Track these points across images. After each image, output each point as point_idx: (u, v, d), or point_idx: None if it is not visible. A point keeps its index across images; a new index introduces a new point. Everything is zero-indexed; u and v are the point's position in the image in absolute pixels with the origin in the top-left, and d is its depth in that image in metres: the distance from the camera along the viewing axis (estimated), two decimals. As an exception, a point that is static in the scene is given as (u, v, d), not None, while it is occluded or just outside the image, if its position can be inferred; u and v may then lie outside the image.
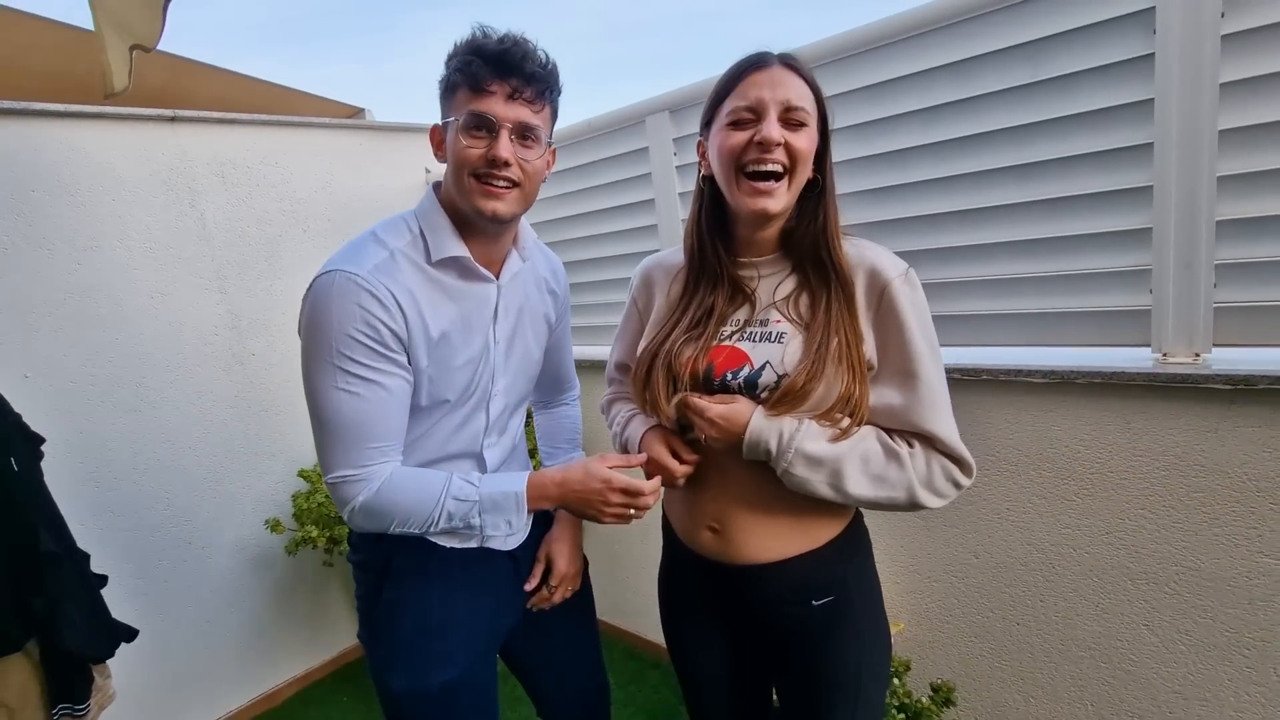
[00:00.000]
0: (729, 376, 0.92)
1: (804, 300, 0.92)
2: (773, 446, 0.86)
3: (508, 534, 1.00)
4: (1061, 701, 1.47)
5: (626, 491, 0.96)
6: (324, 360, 0.88)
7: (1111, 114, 1.22)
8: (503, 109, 0.88)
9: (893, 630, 1.60)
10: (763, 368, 0.90)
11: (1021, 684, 1.52)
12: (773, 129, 0.84)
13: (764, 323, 0.94)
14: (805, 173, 0.88)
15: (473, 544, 1.04)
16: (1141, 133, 1.20)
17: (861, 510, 1.04)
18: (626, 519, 0.98)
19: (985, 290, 1.42)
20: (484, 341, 1.02)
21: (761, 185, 0.86)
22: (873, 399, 0.89)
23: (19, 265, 1.83)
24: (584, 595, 1.27)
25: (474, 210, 0.92)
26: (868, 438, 0.88)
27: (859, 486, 0.86)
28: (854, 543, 1.00)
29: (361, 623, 1.10)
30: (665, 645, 1.16)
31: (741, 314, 0.96)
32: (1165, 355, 1.23)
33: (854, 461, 0.86)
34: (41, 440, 1.60)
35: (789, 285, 0.94)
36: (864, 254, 0.91)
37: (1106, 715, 1.41)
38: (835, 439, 0.87)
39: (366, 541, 1.07)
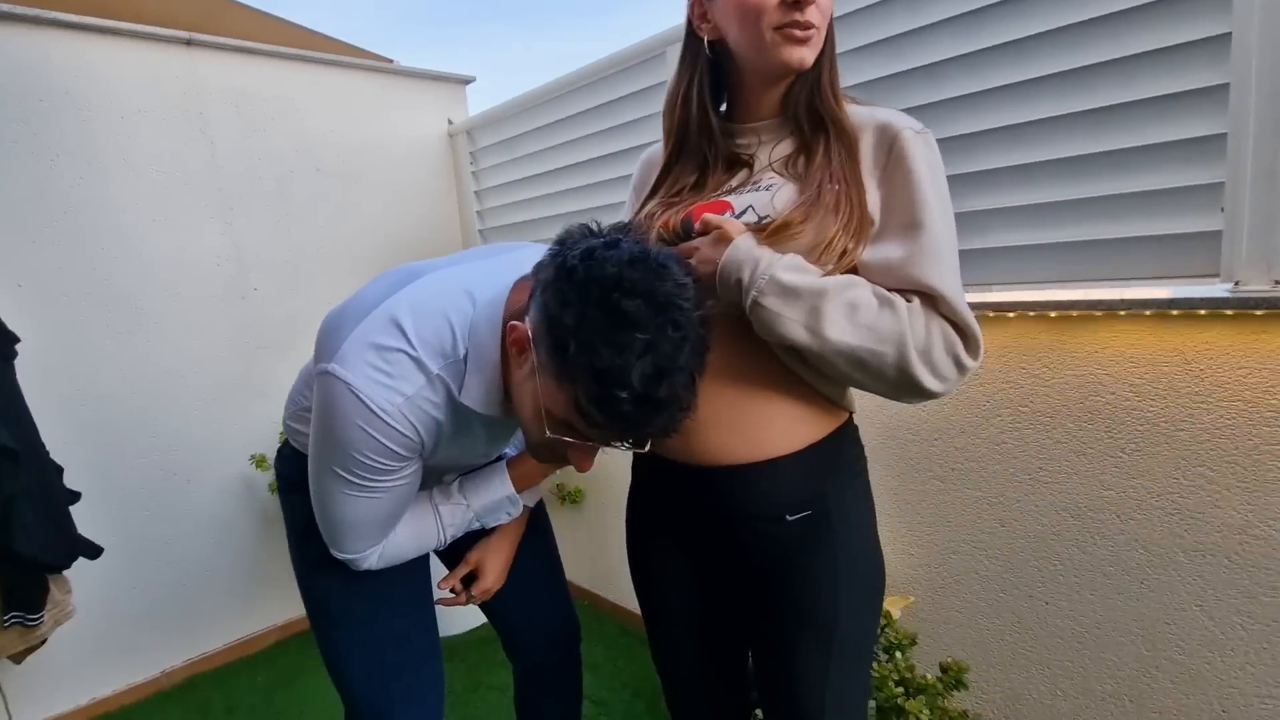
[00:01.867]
0: (696, 224, 0.79)
1: (802, 160, 0.81)
2: (746, 274, 0.72)
3: (507, 519, 1.03)
4: (1093, 695, 1.27)
5: None
6: (333, 468, 0.82)
7: (1179, 4, 1.05)
8: (598, 444, 0.75)
9: (902, 604, 1.42)
10: (744, 212, 0.78)
11: (1047, 672, 1.33)
12: None
13: (755, 183, 0.83)
14: (823, 33, 0.79)
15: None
16: (1217, 23, 1.02)
17: (853, 409, 0.88)
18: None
19: (1025, 218, 1.25)
20: (490, 447, 0.98)
21: (801, 34, 0.76)
22: (869, 255, 0.75)
23: (20, 173, 1.80)
24: (540, 525, 1.21)
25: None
26: (858, 283, 0.73)
27: (840, 331, 0.71)
28: (841, 451, 0.86)
29: (290, 532, 1.04)
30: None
31: (736, 180, 0.85)
32: (1238, 284, 1.04)
33: (838, 302, 0.71)
34: (15, 339, 1.55)
35: (788, 146, 0.83)
36: (875, 112, 0.80)
37: (1148, 712, 1.21)
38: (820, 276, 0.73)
39: (300, 459, 0.98)
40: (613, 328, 0.63)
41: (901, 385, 0.73)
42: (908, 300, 0.72)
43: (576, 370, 0.64)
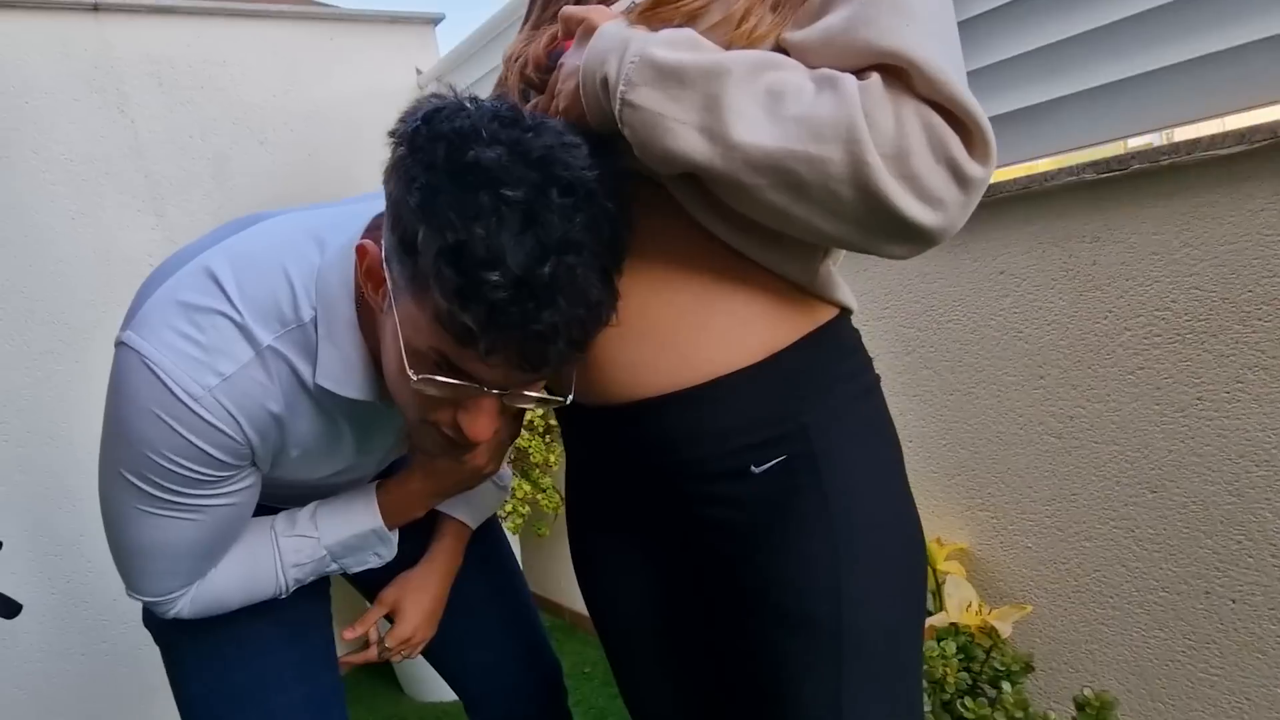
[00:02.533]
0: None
1: None
2: (611, 66, 0.58)
3: (380, 562, 0.91)
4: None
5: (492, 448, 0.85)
6: (121, 472, 0.71)
7: None
8: (489, 374, 0.60)
9: (1014, 616, 1.21)
10: (626, 9, 0.64)
11: (1243, 705, 1.08)
12: None
13: None
14: None
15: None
16: None
17: (844, 303, 0.72)
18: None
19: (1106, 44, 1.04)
20: (371, 454, 0.89)
21: None
22: (801, 34, 0.59)
23: (-83, 178, 1.89)
24: (493, 547, 1.13)
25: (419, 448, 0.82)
26: (781, 62, 0.57)
27: (754, 129, 0.54)
28: (824, 363, 0.69)
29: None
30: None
31: None
32: None
33: (749, 86, 0.55)
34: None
35: None
36: None
37: None
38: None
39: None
40: (467, 188, 0.53)
41: (870, 217, 0.55)
42: (861, 79, 0.55)
43: (429, 263, 0.54)
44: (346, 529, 0.86)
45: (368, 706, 2.22)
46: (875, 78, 0.54)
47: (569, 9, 0.65)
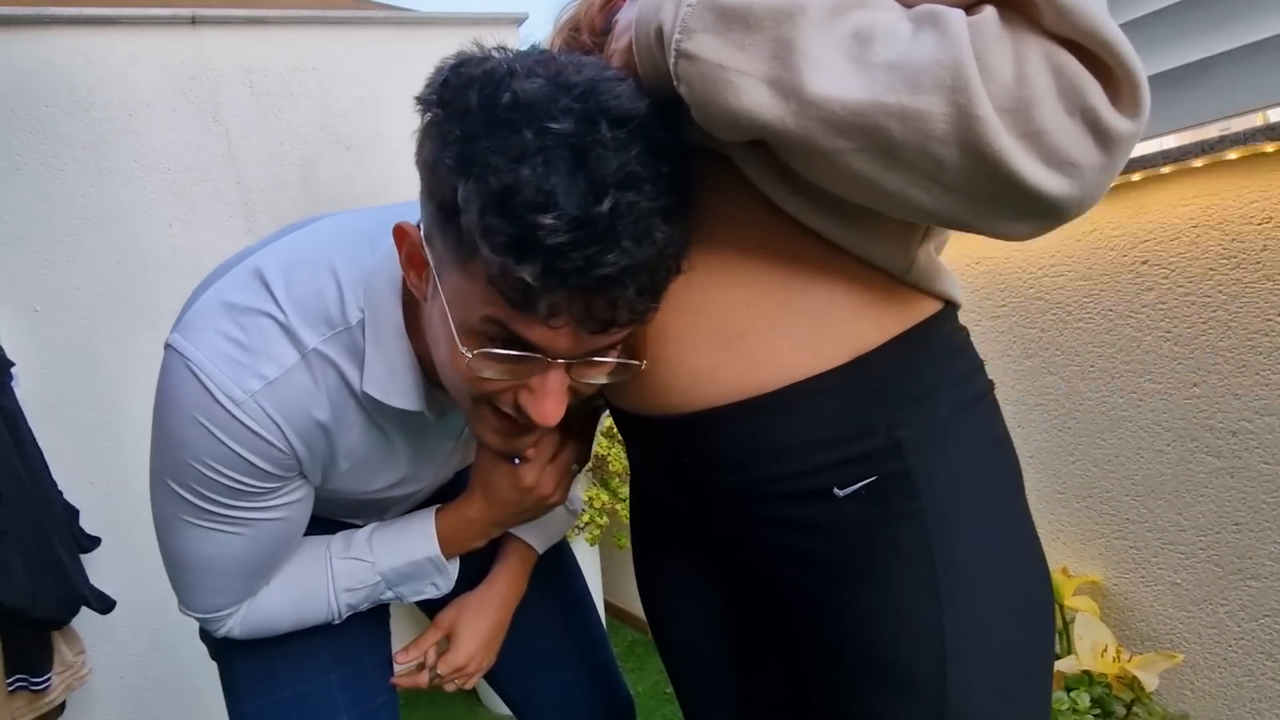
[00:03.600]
0: None
1: None
2: (667, 12, 0.48)
3: (436, 592, 0.86)
4: None
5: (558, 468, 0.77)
6: (167, 481, 0.68)
7: None
8: (553, 340, 0.52)
9: (1163, 665, 1.02)
10: None
11: None
12: None
13: None
14: None
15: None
16: None
17: (948, 296, 0.60)
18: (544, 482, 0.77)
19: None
20: (428, 469, 0.84)
21: None
22: None
23: (33, 187, 1.98)
24: (563, 573, 1.06)
25: (476, 435, 0.69)
26: (876, 3, 0.46)
27: (833, 80, 0.43)
28: (925, 365, 0.58)
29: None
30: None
31: None
32: None
33: (829, 28, 0.44)
34: (8, 364, 1.65)
35: None
36: None
37: None
38: None
39: None
40: (507, 127, 0.47)
41: (981, 187, 0.44)
42: (972, 14, 0.43)
43: (474, 221, 0.47)
44: (403, 555, 0.82)
45: (444, 716, 2.19)
46: (990, 11, 0.42)
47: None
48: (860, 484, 0.56)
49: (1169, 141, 1.02)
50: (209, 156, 2.19)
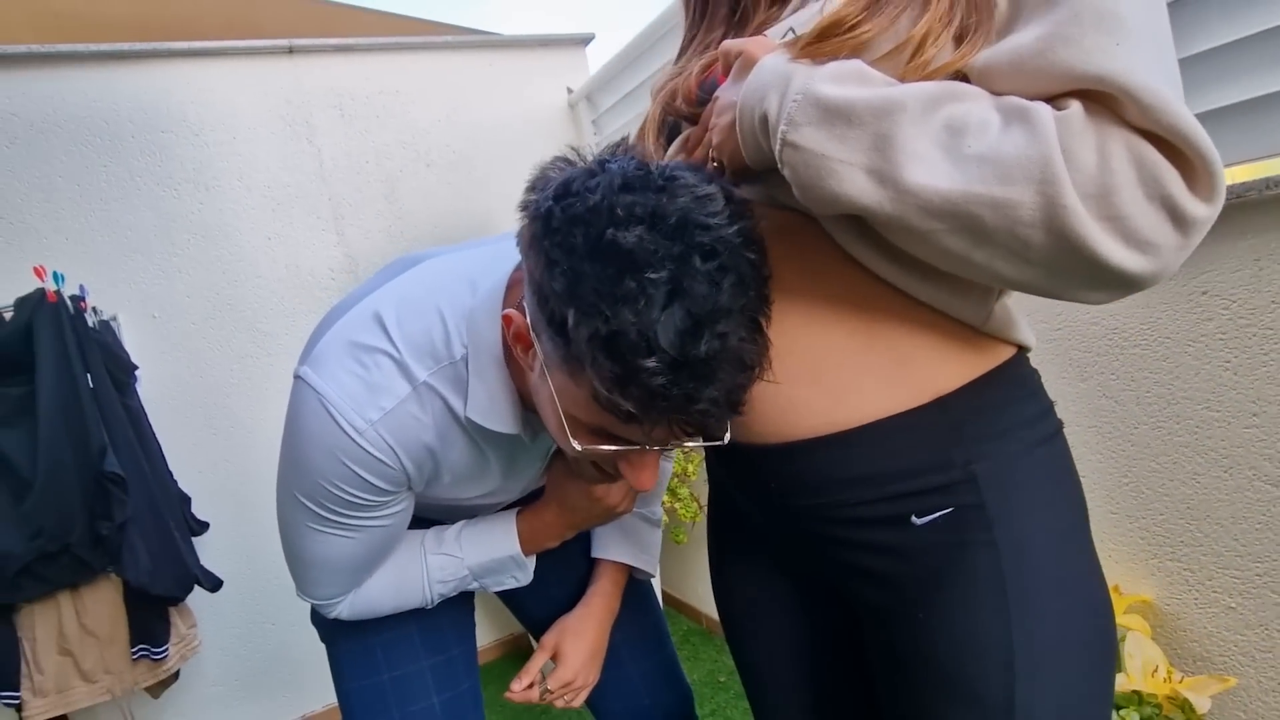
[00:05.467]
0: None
1: None
2: (772, 103, 0.51)
3: (517, 584, 0.92)
4: None
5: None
6: (295, 495, 0.76)
7: None
8: (649, 445, 0.60)
9: (1215, 688, 1.01)
10: (785, 36, 0.58)
11: None
12: None
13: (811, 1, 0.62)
14: None
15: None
16: None
17: (1022, 342, 0.62)
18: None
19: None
20: (518, 482, 0.89)
21: None
22: (987, 57, 0.49)
23: (150, 205, 2.12)
24: (640, 587, 1.11)
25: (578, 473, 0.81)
26: (962, 91, 0.48)
27: (930, 171, 0.46)
28: (1000, 407, 0.60)
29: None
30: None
31: (789, 10, 0.66)
32: None
33: (925, 122, 0.46)
34: (132, 367, 1.78)
35: None
36: None
37: None
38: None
39: None
40: (613, 277, 0.50)
41: (1064, 264, 0.46)
42: (1058, 108, 0.45)
43: (583, 349, 0.52)
44: (487, 553, 0.88)
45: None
46: (1076, 107, 0.44)
47: (729, 42, 0.59)
48: (938, 514, 0.58)
49: (1234, 174, 1.00)
50: (303, 175, 2.30)
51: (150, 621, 1.70)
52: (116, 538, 1.58)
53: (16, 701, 1.59)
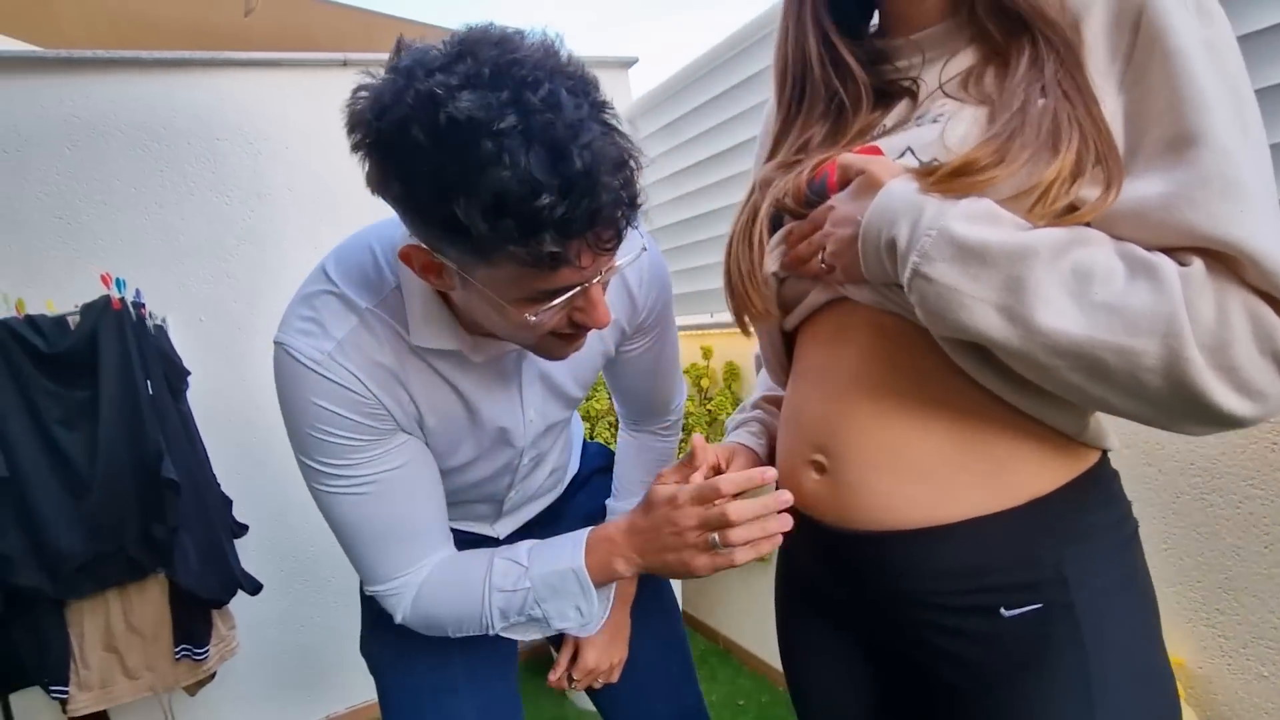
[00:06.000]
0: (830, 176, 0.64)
1: (989, 74, 0.62)
2: (903, 230, 0.54)
3: (579, 622, 0.83)
4: None
5: (700, 500, 0.70)
6: (297, 456, 0.78)
7: None
8: (584, 273, 0.62)
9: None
10: (901, 156, 0.61)
11: None
12: None
13: (922, 116, 0.66)
14: None
15: (538, 635, 0.87)
16: None
17: (1109, 447, 0.65)
18: (719, 551, 0.70)
19: None
20: (508, 420, 0.87)
21: None
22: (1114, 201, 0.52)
23: (202, 211, 2.14)
24: (662, 601, 1.14)
25: (547, 358, 0.77)
26: (1089, 237, 0.52)
27: (1059, 316, 0.49)
28: (1088, 510, 0.63)
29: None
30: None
31: (893, 117, 0.69)
32: None
33: (1054, 268, 0.50)
34: (186, 373, 1.81)
35: (968, 58, 0.65)
36: None
37: None
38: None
39: None
40: (469, 148, 0.52)
41: (1176, 405, 0.50)
42: (1181, 264, 0.49)
43: (482, 228, 0.54)
44: (550, 563, 0.81)
45: (533, 707, 2.30)
46: (1198, 266, 0.48)
47: (849, 156, 0.62)
48: (1028, 609, 0.60)
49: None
50: (351, 185, 2.29)
51: (194, 623, 1.73)
52: (169, 540, 1.61)
53: (65, 695, 1.63)
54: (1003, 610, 0.62)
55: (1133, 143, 0.53)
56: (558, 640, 1.02)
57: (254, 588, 1.85)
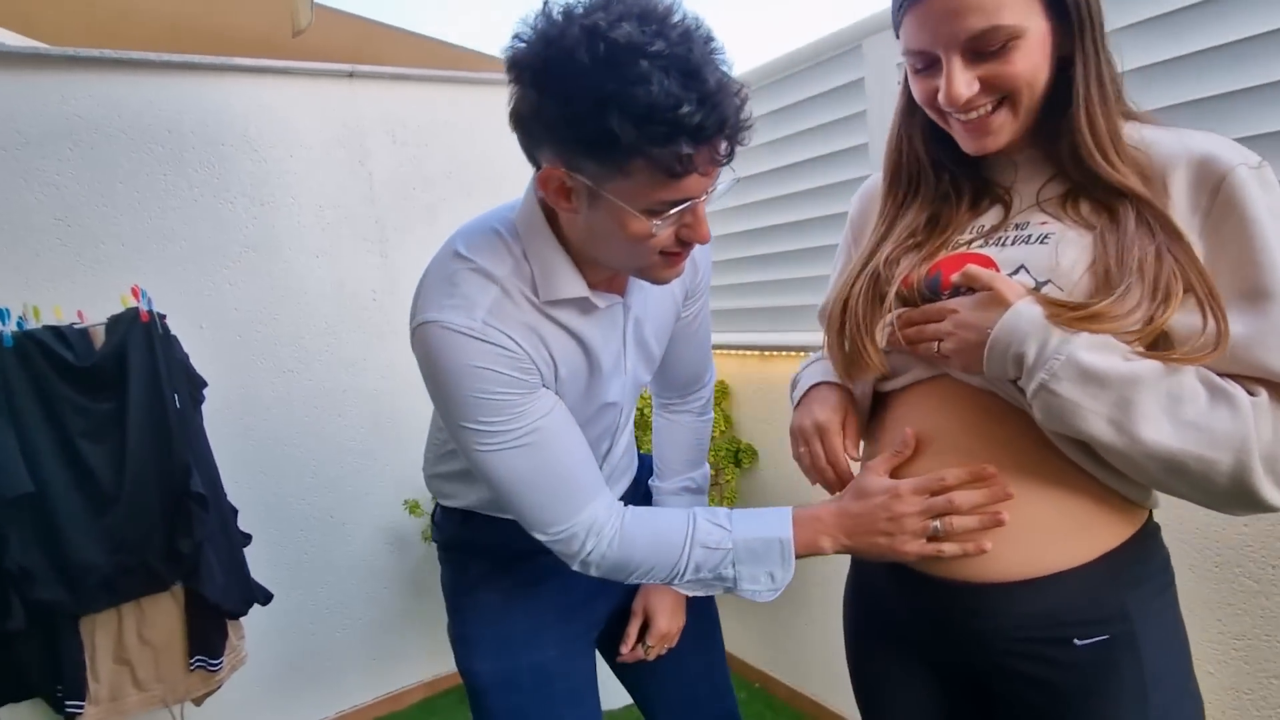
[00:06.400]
0: (964, 292, 0.75)
1: (1084, 204, 0.75)
2: (1031, 350, 0.67)
3: (769, 588, 0.88)
4: None
5: (923, 490, 0.78)
6: (459, 426, 0.85)
7: None
8: (701, 183, 0.76)
9: None
10: (1016, 271, 0.73)
11: None
12: (957, 84, 0.72)
13: (1022, 225, 0.78)
14: (1036, 88, 0.74)
15: (717, 593, 0.93)
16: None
17: (1155, 507, 0.80)
18: (938, 535, 0.78)
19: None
20: (608, 379, 0.97)
21: (972, 124, 0.76)
22: (1188, 324, 0.67)
23: (205, 216, 2.11)
24: (707, 614, 1.23)
25: (653, 280, 0.87)
26: (1182, 370, 0.66)
27: (1157, 430, 0.64)
28: (1144, 560, 0.78)
29: (448, 610, 1.13)
30: (850, 701, 0.99)
31: (989, 219, 0.82)
32: None
33: (1155, 391, 0.64)
34: (204, 384, 1.80)
35: (1060, 185, 0.78)
36: (1189, 143, 0.72)
37: None
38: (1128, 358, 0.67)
39: (451, 519, 1.12)
40: (627, 66, 0.66)
41: (1233, 497, 0.66)
42: (1252, 393, 0.65)
43: (632, 135, 0.67)
44: (758, 530, 0.87)
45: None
46: (1264, 396, 0.64)
47: (974, 269, 0.73)
48: (1098, 639, 0.74)
49: None
50: (354, 196, 2.33)
51: (210, 634, 1.72)
52: (194, 554, 1.61)
53: (80, 710, 1.60)
54: (1076, 640, 0.74)
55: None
56: None
57: (266, 598, 1.86)
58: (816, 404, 0.91)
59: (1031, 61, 0.72)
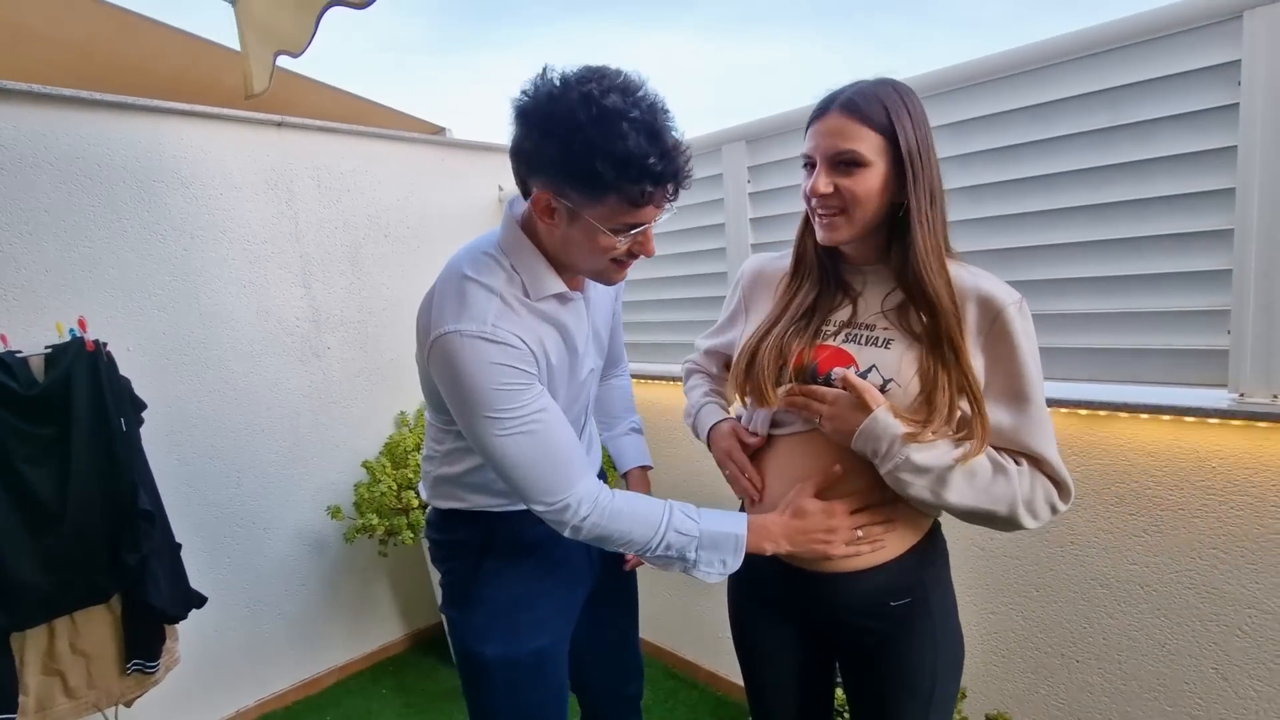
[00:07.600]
0: (832, 375, 0.95)
1: (912, 315, 0.93)
2: (883, 447, 0.88)
3: (720, 573, 0.99)
4: (1121, 746, 1.44)
5: (845, 511, 0.95)
6: (480, 416, 0.91)
7: (1192, 159, 1.27)
8: (654, 213, 0.90)
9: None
10: (868, 371, 0.93)
11: (1079, 725, 1.50)
12: (819, 180, 0.90)
13: (868, 327, 0.96)
14: (868, 209, 0.90)
15: (675, 570, 1.01)
16: (1224, 178, 1.24)
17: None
18: (859, 541, 0.96)
19: (1059, 325, 1.45)
20: (582, 359, 1.07)
21: (824, 219, 0.93)
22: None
23: (135, 247, 1.98)
24: (631, 581, 1.35)
25: (606, 281, 1.00)
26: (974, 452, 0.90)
27: (960, 495, 0.88)
28: (933, 548, 1.03)
29: (449, 599, 1.15)
30: (730, 658, 1.18)
31: (841, 315, 0.98)
32: (1242, 395, 1.24)
33: (960, 471, 0.88)
34: (143, 406, 1.71)
35: (896, 298, 0.95)
36: (979, 282, 0.91)
37: (1170, 763, 1.38)
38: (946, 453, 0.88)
39: (459, 520, 1.13)
40: (612, 125, 0.81)
41: (1007, 526, 0.92)
42: (1017, 463, 0.90)
43: (610, 174, 0.81)
44: (720, 525, 0.98)
45: (426, 678, 2.38)
46: (1025, 465, 0.90)
47: (851, 376, 0.91)
48: (904, 601, 0.97)
49: None
50: (279, 234, 2.27)
51: (149, 638, 1.64)
52: (139, 567, 1.54)
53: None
54: (891, 603, 0.97)
55: (989, 383, 0.89)
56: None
57: (201, 601, 1.79)
58: (725, 439, 1.09)
59: (868, 186, 0.88)
